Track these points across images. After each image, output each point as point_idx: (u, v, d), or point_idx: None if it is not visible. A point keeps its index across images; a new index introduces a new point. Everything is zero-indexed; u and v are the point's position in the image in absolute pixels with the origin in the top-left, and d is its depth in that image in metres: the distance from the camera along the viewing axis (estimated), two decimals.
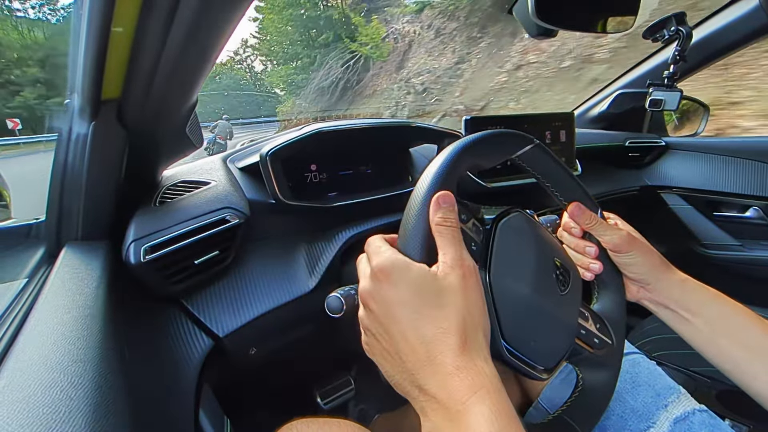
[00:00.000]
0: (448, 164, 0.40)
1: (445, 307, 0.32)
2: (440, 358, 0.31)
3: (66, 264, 0.55)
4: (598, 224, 0.52)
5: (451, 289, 0.33)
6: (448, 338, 0.31)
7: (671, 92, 1.14)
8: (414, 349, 0.32)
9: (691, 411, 0.50)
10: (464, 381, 0.30)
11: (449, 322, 0.32)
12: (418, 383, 0.31)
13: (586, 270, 0.52)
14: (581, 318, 0.48)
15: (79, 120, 0.55)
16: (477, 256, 0.42)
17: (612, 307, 0.53)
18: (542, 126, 1.02)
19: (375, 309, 0.34)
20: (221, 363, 0.64)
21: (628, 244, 0.51)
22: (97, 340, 0.40)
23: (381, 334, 0.34)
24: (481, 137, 0.46)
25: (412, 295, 0.33)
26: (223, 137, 9.55)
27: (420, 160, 0.92)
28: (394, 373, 0.34)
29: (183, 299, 0.62)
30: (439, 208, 0.36)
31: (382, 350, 0.34)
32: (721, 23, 1.13)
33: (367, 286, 0.35)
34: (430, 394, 0.31)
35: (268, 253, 0.72)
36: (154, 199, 0.66)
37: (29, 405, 0.30)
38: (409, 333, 0.32)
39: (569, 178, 0.53)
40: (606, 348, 0.49)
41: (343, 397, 0.93)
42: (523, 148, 0.50)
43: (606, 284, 0.54)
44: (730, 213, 1.21)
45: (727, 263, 1.23)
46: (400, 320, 0.32)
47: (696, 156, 1.26)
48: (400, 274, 0.33)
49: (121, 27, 0.40)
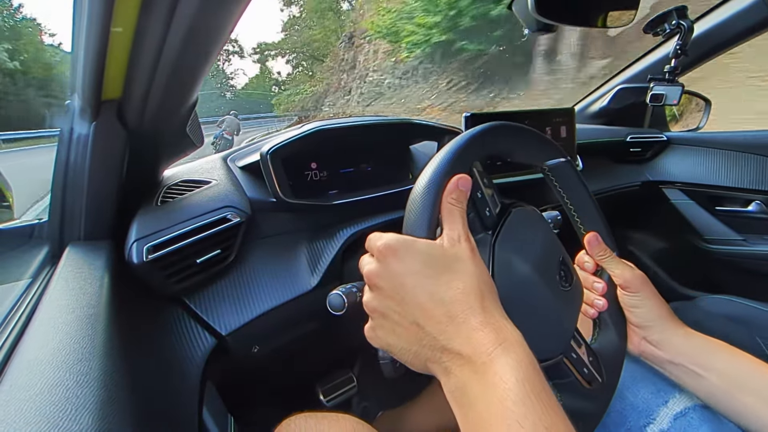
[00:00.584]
0: (482, 131, 0.41)
1: (458, 271, 0.33)
2: (462, 316, 0.31)
3: (69, 264, 0.55)
4: (611, 258, 0.52)
5: (461, 256, 0.34)
6: (468, 297, 0.32)
7: (672, 86, 1.13)
8: (433, 313, 0.32)
9: (692, 407, 0.50)
10: (489, 335, 0.30)
11: (465, 283, 0.32)
12: (440, 345, 0.31)
13: (590, 306, 0.52)
14: (575, 342, 0.47)
15: (80, 120, 0.55)
16: (488, 222, 0.43)
17: (610, 348, 0.51)
18: (543, 121, 1.02)
19: (384, 285, 0.34)
20: (224, 361, 0.65)
21: (639, 283, 0.50)
22: (102, 339, 0.40)
23: (392, 308, 0.34)
24: (522, 129, 0.46)
25: (422, 264, 0.33)
26: (231, 132, 9.44)
27: (420, 158, 0.92)
28: (411, 343, 0.33)
29: (186, 298, 0.62)
30: (456, 189, 0.37)
31: (394, 326, 0.34)
32: (723, 17, 1.12)
33: (372, 267, 0.35)
34: (454, 352, 0.31)
35: (270, 251, 0.72)
36: (156, 198, 0.66)
37: (35, 404, 0.31)
38: (424, 299, 0.32)
39: (593, 207, 0.53)
40: (594, 383, 0.47)
41: (346, 394, 0.93)
42: (555, 159, 0.50)
43: (607, 325, 0.52)
44: (733, 207, 1.20)
45: (729, 258, 1.22)
46: (414, 289, 0.33)
47: (698, 151, 1.26)
48: (406, 249, 0.34)
49: (120, 27, 0.40)
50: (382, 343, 0.36)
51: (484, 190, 0.43)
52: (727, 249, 1.22)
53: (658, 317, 0.50)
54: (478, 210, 0.42)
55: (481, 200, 0.42)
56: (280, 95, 28.88)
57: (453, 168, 0.38)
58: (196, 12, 0.37)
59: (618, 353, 0.51)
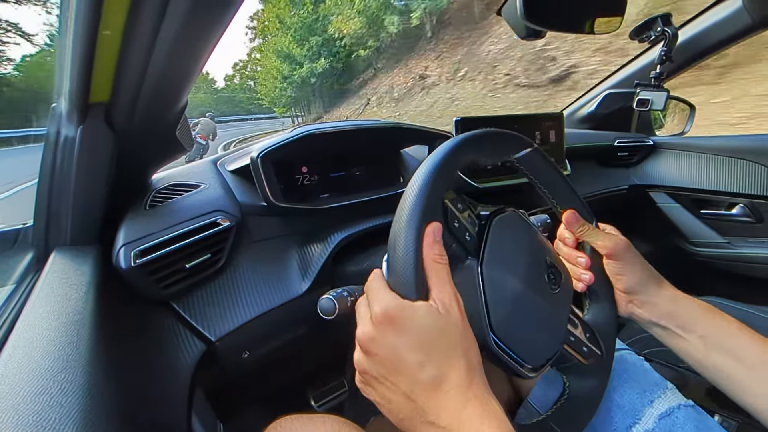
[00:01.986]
0: (443, 159, 0.41)
1: (451, 344, 0.34)
2: (452, 393, 0.32)
3: (55, 269, 0.54)
4: (591, 231, 0.53)
5: (454, 326, 0.35)
6: (458, 373, 0.33)
7: (658, 92, 1.16)
8: (424, 387, 0.33)
9: (677, 406, 0.51)
10: (476, 410, 0.32)
11: (456, 358, 0.33)
12: (429, 419, 0.32)
13: (578, 280, 0.53)
14: (571, 325, 0.49)
15: (67, 123, 0.55)
16: (471, 247, 0.43)
17: (602, 318, 0.53)
18: (532, 126, 1.03)
19: (380, 353, 0.34)
20: (214, 367, 0.64)
21: (623, 250, 0.51)
22: (88, 346, 0.40)
23: (384, 376, 0.34)
24: (480, 135, 0.46)
25: (418, 337, 0.33)
26: (206, 137, 8.51)
27: (411, 161, 0.93)
28: (401, 412, 0.34)
29: (174, 303, 0.61)
30: (434, 243, 0.37)
31: (385, 391, 0.35)
32: (706, 24, 1.15)
33: (369, 332, 0.35)
34: (441, 427, 0.32)
35: (260, 255, 0.71)
36: (145, 202, 0.65)
37: (18, 413, 0.30)
38: (418, 374, 0.33)
39: (566, 186, 0.54)
40: (594, 358, 0.49)
41: (337, 399, 0.93)
42: (522, 150, 0.51)
43: (597, 295, 0.54)
44: (717, 211, 1.23)
45: (713, 260, 1.25)
46: (409, 363, 0.33)
47: (683, 155, 1.28)
48: (403, 320, 0.34)
49: (109, 30, 0.39)
50: (372, 398, 0.37)
51: (460, 216, 0.43)
52: (712, 251, 1.24)
53: (644, 281, 0.51)
54: (458, 239, 0.43)
55: (459, 228, 0.43)
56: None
57: (427, 210, 0.37)
58: (185, 15, 0.37)
59: (610, 322, 0.53)
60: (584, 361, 0.49)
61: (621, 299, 0.53)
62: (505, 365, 0.41)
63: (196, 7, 0.37)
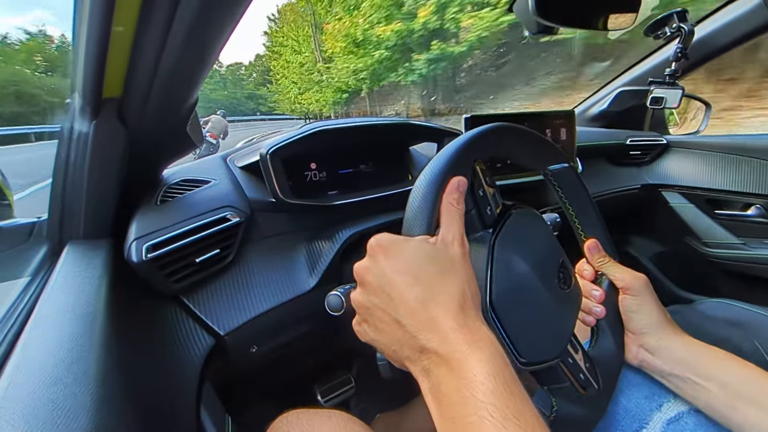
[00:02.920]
0: (484, 132, 0.41)
1: (445, 273, 0.34)
2: (441, 318, 0.32)
3: (68, 262, 0.55)
4: (611, 264, 0.52)
5: (452, 258, 0.35)
6: (448, 300, 0.33)
7: (673, 90, 1.13)
8: (414, 311, 0.33)
9: (686, 411, 0.50)
10: (465, 336, 0.32)
11: (448, 285, 0.34)
12: (419, 344, 0.32)
13: (588, 313, 0.52)
14: (572, 347, 0.46)
15: (81, 119, 0.55)
16: (488, 220, 0.43)
17: (607, 356, 0.50)
18: (543, 124, 1.02)
19: (371, 281, 0.35)
20: (222, 361, 0.65)
21: (640, 285, 0.50)
22: (100, 338, 0.40)
23: (376, 304, 0.35)
24: (525, 133, 0.47)
25: (409, 263, 0.34)
26: (216, 135, 7.97)
27: (420, 159, 0.92)
28: (392, 341, 0.34)
29: (184, 297, 0.62)
30: (457, 190, 0.38)
31: (377, 322, 0.35)
32: (724, 20, 1.12)
33: (363, 263, 0.36)
34: (431, 351, 0.32)
35: (269, 251, 0.72)
36: (156, 197, 0.66)
37: (33, 401, 0.31)
38: (408, 297, 0.33)
39: (593, 213, 0.53)
40: (590, 389, 0.47)
41: (344, 395, 0.93)
42: (558, 164, 0.50)
43: (605, 332, 0.52)
44: (732, 211, 1.20)
45: (728, 262, 1.22)
46: (399, 286, 0.33)
47: (698, 154, 1.26)
48: (396, 247, 0.35)
49: (121, 26, 0.40)
50: (367, 337, 0.37)
51: (486, 188, 0.43)
52: (727, 253, 1.22)
53: (657, 323, 0.50)
54: (479, 207, 0.43)
55: (482, 198, 0.43)
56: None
57: (455, 166, 0.38)
58: (197, 11, 0.38)
59: (615, 361, 0.51)
60: (579, 388, 0.46)
61: (631, 342, 0.51)
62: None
63: (208, 4, 0.37)
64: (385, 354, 0.36)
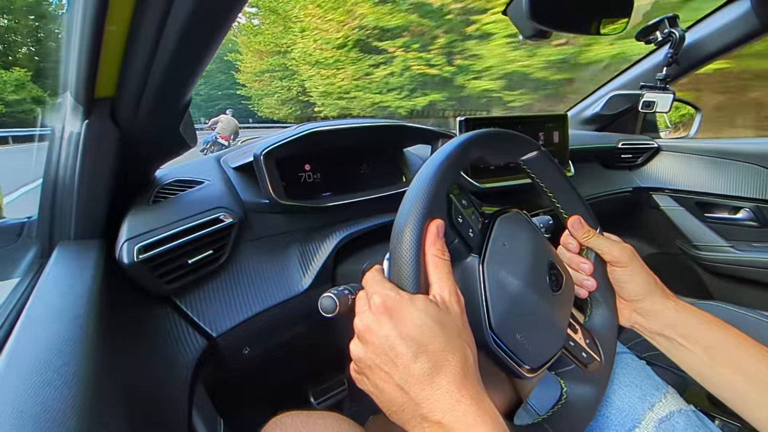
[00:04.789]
0: (450, 155, 0.41)
1: (450, 340, 0.34)
2: (447, 387, 0.32)
3: (58, 263, 0.54)
4: (596, 238, 0.52)
5: (452, 321, 0.35)
6: (453, 369, 0.33)
7: (664, 94, 1.15)
8: (418, 381, 0.32)
9: (677, 410, 0.51)
10: (470, 407, 0.31)
11: (452, 353, 0.33)
12: (421, 412, 0.32)
13: (580, 286, 0.52)
14: (571, 329, 0.48)
15: (72, 118, 0.55)
16: (473, 243, 0.43)
17: (603, 326, 0.52)
18: (536, 127, 1.03)
19: (376, 343, 0.34)
20: (215, 363, 0.64)
21: (627, 257, 0.50)
22: (90, 340, 0.40)
23: (379, 366, 0.34)
24: (488, 134, 0.46)
25: (414, 329, 0.33)
26: (227, 137, 7.52)
27: (414, 160, 0.93)
28: (393, 403, 0.34)
29: (176, 299, 0.62)
30: (437, 239, 0.37)
31: (379, 381, 0.35)
32: (714, 26, 1.14)
33: (366, 321, 0.35)
34: (434, 421, 0.32)
35: (262, 252, 0.72)
36: (148, 198, 0.66)
37: (22, 404, 0.30)
38: (413, 367, 0.32)
39: (572, 191, 0.54)
40: (593, 364, 0.49)
41: (337, 396, 0.93)
42: (529, 153, 0.51)
43: (599, 302, 0.53)
44: (722, 215, 1.22)
45: (717, 264, 1.24)
46: (404, 353, 0.33)
47: (688, 158, 1.28)
48: (401, 311, 0.34)
49: (115, 25, 0.40)
50: (366, 389, 0.37)
51: (464, 212, 0.43)
52: (716, 255, 1.23)
53: (648, 289, 0.51)
54: (461, 234, 0.43)
55: (462, 224, 0.43)
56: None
57: (431, 204, 0.37)
58: (191, 11, 0.37)
59: (611, 329, 0.52)
60: (583, 366, 0.48)
61: (624, 308, 0.53)
62: (504, 365, 0.41)
63: (201, 3, 0.37)
64: (383, 409, 0.36)
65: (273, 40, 20.70)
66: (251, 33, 22.76)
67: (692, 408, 0.53)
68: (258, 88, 23.81)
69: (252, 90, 24.58)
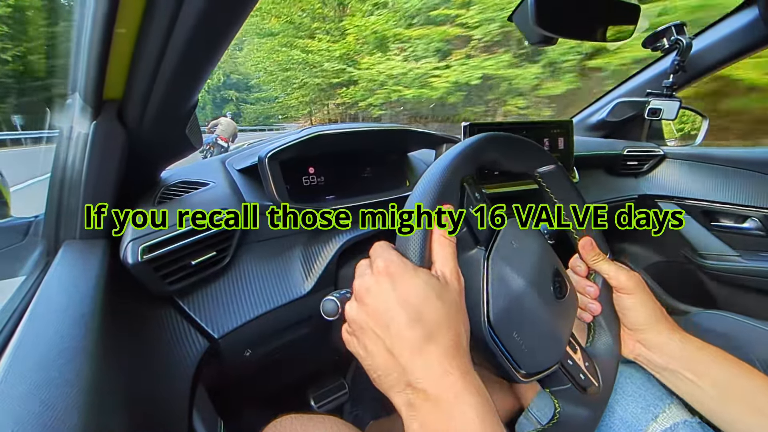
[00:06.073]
0: (468, 147, 0.42)
1: (449, 314, 0.34)
2: (437, 358, 0.32)
3: (64, 262, 0.55)
4: (605, 261, 0.52)
5: (452, 298, 0.35)
6: (446, 342, 0.33)
7: (670, 101, 1.15)
8: (410, 349, 0.33)
9: (681, 421, 0.50)
10: (458, 380, 0.32)
11: (446, 328, 0.34)
12: (407, 379, 0.32)
13: (584, 310, 0.52)
14: (570, 348, 0.47)
15: (80, 119, 0.55)
16: (481, 236, 0.43)
17: (605, 353, 0.51)
18: (541, 133, 1.03)
19: (373, 304, 0.35)
20: (216, 364, 0.64)
21: (634, 284, 0.49)
22: (94, 339, 0.40)
23: (371, 328, 0.34)
24: (509, 138, 0.47)
25: (414, 296, 0.34)
26: (227, 138, 7.81)
27: (418, 165, 0.93)
28: (380, 366, 0.34)
29: (179, 300, 0.62)
30: (449, 222, 0.38)
31: (369, 343, 0.35)
32: (721, 34, 1.13)
33: (367, 281, 0.36)
34: (419, 389, 0.32)
35: (265, 255, 0.72)
36: (153, 198, 0.66)
37: (25, 401, 0.31)
38: (407, 333, 0.33)
39: (586, 213, 0.53)
40: (591, 388, 0.48)
41: (337, 400, 0.92)
42: (546, 166, 0.51)
43: (602, 328, 0.52)
44: (728, 223, 1.21)
45: (724, 274, 1.23)
46: (399, 318, 0.33)
47: (694, 166, 1.27)
48: (403, 276, 0.35)
49: (124, 28, 0.40)
50: (354, 350, 0.37)
51: (476, 204, 0.44)
52: (722, 264, 1.22)
53: (653, 320, 0.50)
54: (470, 225, 0.43)
55: (473, 216, 0.43)
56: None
57: (442, 194, 0.38)
58: (199, 15, 0.38)
59: (613, 356, 0.51)
60: (581, 390, 0.47)
61: (628, 338, 0.52)
62: (499, 364, 0.40)
63: (210, 7, 0.37)
64: (369, 373, 0.36)
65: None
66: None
67: (697, 419, 0.52)
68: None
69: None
